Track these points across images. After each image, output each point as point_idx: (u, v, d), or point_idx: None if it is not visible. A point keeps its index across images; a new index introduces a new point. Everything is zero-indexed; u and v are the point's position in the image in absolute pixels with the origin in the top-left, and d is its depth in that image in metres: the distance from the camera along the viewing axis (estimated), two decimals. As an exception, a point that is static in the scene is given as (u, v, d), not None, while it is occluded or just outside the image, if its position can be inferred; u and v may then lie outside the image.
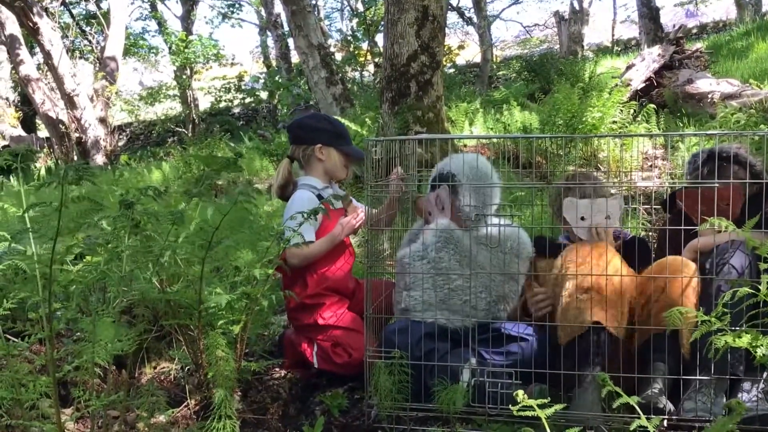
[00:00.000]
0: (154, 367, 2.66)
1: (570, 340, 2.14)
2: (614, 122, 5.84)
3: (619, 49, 16.72)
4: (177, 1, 19.15)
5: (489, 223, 2.43)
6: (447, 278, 2.34)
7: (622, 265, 2.22)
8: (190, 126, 15.36)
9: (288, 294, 2.50)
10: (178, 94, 17.44)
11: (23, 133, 14.64)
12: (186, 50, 15.34)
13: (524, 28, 23.70)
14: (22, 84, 13.13)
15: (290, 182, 2.72)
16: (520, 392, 1.44)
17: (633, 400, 1.47)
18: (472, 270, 2.33)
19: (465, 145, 5.82)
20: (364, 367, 2.26)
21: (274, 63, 18.37)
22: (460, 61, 17.74)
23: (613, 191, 2.50)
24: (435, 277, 2.35)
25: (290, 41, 13.87)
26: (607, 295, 2.12)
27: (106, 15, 14.54)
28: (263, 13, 17.75)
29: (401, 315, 2.42)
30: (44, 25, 11.29)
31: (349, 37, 14.68)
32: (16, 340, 2.02)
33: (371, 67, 14.78)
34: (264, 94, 15.81)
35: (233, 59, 18.49)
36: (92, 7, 17.39)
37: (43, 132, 14.74)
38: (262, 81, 16.20)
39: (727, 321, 1.64)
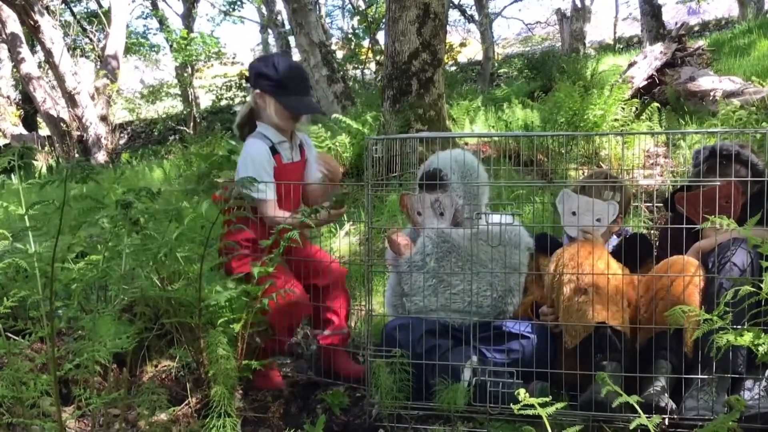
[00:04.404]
0: (155, 365, 2.66)
1: (579, 342, 2.14)
2: (616, 120, 5.82)
3: (621, 46, 16.69)
4: (178, -1, 19.10)
5: (486, 219, 2.42)
6: (448, 284, 2.33)
7: (610, 261, 2.21)
8: (192, 124, 15.34)
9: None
10: (179, 92, 17.42)
11: (24, 131, 14.63)
12: (187, 48, 15.30)
13: (526, 25, 23.65)
14: (23, 82, 13.13)
15: (246, 124, 2.60)
16: (522, 390, 1.44)
17: (633, 399, 1.46)
18: (474, 272, 2.31)
19: (466, 143, 5.81)
20: (365, 365, 2.26)
21: (275, 61, 18.29)
22: (462, 58, 17.68)
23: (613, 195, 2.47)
24: (436, 284, 2.33)
25: (291, 39, 13.84)
26: (605, 292, 2.12)
27: (107, 13, 14.52)
28: (264, 10, 17.71)
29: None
30: (45, 23, 11.28)
31: (350, 35, 14.64)
32: (17, 338, 2.02)
33: (372, 65, 14.74)
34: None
35: (234, 57, 18.43)
36: (93, 5, 17.39)
37: (44, 130, 14.73)
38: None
39: (729, 319, 1.63)
